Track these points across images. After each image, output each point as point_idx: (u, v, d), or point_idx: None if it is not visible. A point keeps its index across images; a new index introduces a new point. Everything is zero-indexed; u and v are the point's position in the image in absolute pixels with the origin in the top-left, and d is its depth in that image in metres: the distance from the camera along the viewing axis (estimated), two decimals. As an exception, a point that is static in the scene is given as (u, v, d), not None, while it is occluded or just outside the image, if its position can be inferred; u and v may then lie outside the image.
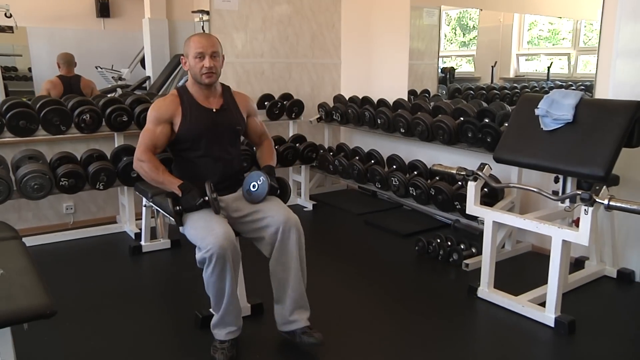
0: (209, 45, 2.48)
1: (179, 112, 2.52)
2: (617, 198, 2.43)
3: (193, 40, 2.50)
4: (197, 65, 2.47)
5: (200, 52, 2.46)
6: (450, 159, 4.16)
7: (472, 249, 3.51)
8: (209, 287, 2.32)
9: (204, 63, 2.46)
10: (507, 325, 2.74)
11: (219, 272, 2.24)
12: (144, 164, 2.48)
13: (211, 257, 2.21)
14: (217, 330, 2.39)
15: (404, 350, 2.50)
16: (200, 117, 2.53)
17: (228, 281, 2.28)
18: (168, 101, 2.54)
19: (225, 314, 2.35)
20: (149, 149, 2.50)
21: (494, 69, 4.73)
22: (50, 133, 3.66)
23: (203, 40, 2.50)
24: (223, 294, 2.30)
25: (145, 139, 2.51)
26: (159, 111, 2.53)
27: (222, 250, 2.21)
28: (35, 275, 1.87)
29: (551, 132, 2.90)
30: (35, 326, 1.84)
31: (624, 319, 2.84)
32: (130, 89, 5.09)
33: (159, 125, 2.51)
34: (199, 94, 2.56)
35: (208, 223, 2.31)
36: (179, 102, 2.53)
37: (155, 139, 2.51)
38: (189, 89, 2.58)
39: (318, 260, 2.43)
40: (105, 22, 5.17)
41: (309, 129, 5.23)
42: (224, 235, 2.24)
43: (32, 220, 4.09)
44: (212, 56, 2.47)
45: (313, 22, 5.26)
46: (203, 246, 2.24)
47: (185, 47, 2.54)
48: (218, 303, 2.34)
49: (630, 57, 3.08)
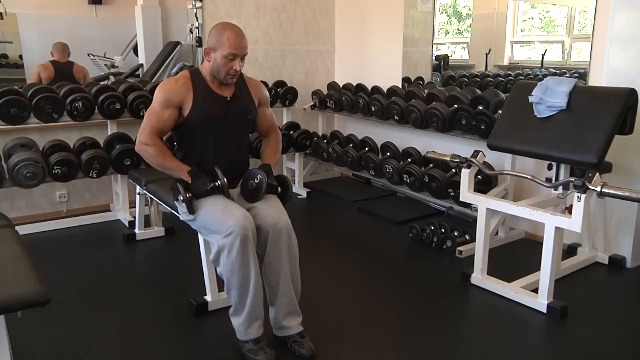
0: (243, 47, 2.34)
1: (190, 97, 2.37)
2: (609, 185, 2.45)
3: (227, 38, 2.30)
4: (225, 65, 2.32)
5: (234, 54, 2.31)
6: (444, 146, 4.16)
7: (465, 236, 3.53)
8: (232, 277, 2.18)
9: (234, 65, 2.33)
10: (500, 312, 2.76)
11: (243, 255, 2.14)
12: (150, 147, 2.36)
13: (234, 239, 2.11)
14: (246, 330, 2.25)
15: (398, 336, 2.52)
16: (212, 104, 2.40)
17: (252, 265, 2.17)
18: (180, 83, 2.38)
19: (254, 305, 2.22)
20: (155, 132, 2.37)
21: (488, 56, 4.72)
22: (42, 121, 3.63)
23: (239, 41, 2.32)
24: (248, 283, 2.18)
25: (151, 121, 2.37)
26: (170, 93, 2.36)
27: (245, 230, 2.12)
28: (28, 263, 1.87)
29: (545, 119, 2.91)
30: (29, 314, 1.84)
31: (615, 305, 2.87)
32: (123, 76, 5.05)
33: (168, 108, 2.36)
34: (213, 81, 2.42)
35: (225, 207, 2.23)
36: (191, 85, 2.39)
37: (163, 122, 2.37)
38: (202, 72, 2.43)
39: (312, 248, 2.43)
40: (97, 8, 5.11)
41: (303, 117, 5.22)
42: (244, 216, 2.17)
43: (25, 209, 4.07)
44: (242, 58, 2.36)
45: (307, 9, 5.23)
46: (223, 230, 2.15)
47: (214, 40, 2.33)
48: (243, 295, 2.20)
49: (623, 44, 3.09)
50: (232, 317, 2.30)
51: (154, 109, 2.38)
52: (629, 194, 2.39)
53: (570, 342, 2.47)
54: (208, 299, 2.69)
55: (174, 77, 2.45)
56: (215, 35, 2.34)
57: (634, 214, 3.17)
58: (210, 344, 2.43)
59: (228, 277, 2.20)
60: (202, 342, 2.44)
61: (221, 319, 2.60)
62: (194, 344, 2.42)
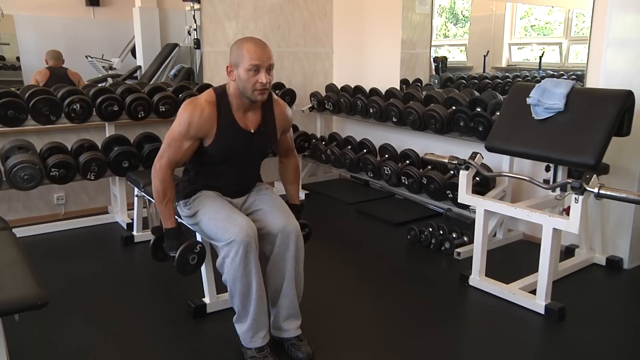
0: (266, 57, 2.16)
1: (213, 129, 2.22)
2: (607, 186, 2.45)
3: (247, 50, 2.14)
4: (250, 79, 2.15)
5: (256, 65, 2.13)
6: (442, 148, 4.17)
7: (463, 237, 3.53)
8: (234, 285, 2.17)
9: (259, 78, 2.14)
10: (498, 313, 2.76)
11: (245, 263, 2.12)
12: (158, 180, 2.26)
13: (236, 248, 2.10)
14: (251, 338, 2.24)
15: (396, 337, 2.52)
16: (234, 139, 2.27)
17: (254, 274, 2.15)
18: (205, 115, 2.20)
19: (257, 314, 2.21)
20: (171, 164, 2.25)
21: (486, 58, 4.73)
22: (39, 123, 3.62)
23: (260, 50, 2.15)
24: (250, 291, 2.17)
25: (170, 150, 2.23)
26: (194, 126, 2.19)
27: (247, 238, 2.11)
28: (26, 265, 1.86)
29: (542, 121, 2.91)
30: (26, 317, 1.84)
31: (612, 306, 2.87)
32: (121, 78, 5.04)
33: (189, 140, 2.22)
34: (239, 107, 2.26)
35: (229, 214, 2.22)
36: (216, 116, 2.22)
37: (182, 154, 2.24)
38: (229, 96, 2.25)
39: (310, 249, 2.42)
40: (95, 10, 5.10)
41: (301, 118, 5.22)
42: (247, 224, 2.15)
43: (22, 211, 4.06)
44: (268, 70, 2.17)
45: (305, 11, 5.23)
46: (225, 237, 2.13)
47: (235, 55, 2.18)
48: (246, 304, 2.20)
49: (621, 46, 3.09)
50: (236, 323, 2.29)
51: (174, 136, 2.23)
52: (626, 195, 2.40)
53: (568, 343, 2.47)
54: (206, 301, 2.68)
55: (200, 101, 2.24)
56: (235, 51, 2.19)
57: (631, 216, 3.18)
58: (209, 347, 2.43)
59: (231, 285, 2.20)
60: (200, 345, 2.44)
61: (219, 321, 2.60)
62: (192, 347, 2.42)
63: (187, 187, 2.40)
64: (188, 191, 2.39)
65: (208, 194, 2.35)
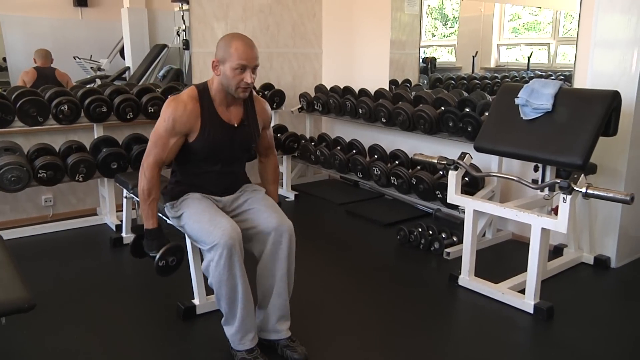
0: (254, 57, 2.20)
1: (197, 125, 2.25)
2: (594, 186, 2.47)
3: (235, 48, 2.17)
4: (235, 77, 2.19)
5: (243, 65, 2.17)
6: (432, 148, 4.19)
7: (453, 237, 3.55)
8: (220, 288, 2.17)
9: (244, 77, 2.19)
10: (487, 312, 2.77)
11: (229, 266, 2.12)
12: (145, 179, 2.26)
13: (220, 250, 2.09)
14: (240, 341, 2.24)
15: (385, 338, 2.52)
16: (218, 133, 2.29)
17: (239, 277, 2.15)
18: (189, 110, 2.23)
19: (245, 317, 2.21)
20: (158, 163, 2.26)
21: (475, 58, 4.75)
22: (26, 124, 3.59)
23: (248, 51, 2.19)
24: (236, 293, 2.17)
25: (157, 148, 2.25)
26: (178, 122, 2.22)
27: (231, 240, 2.10)
28: (13, 268, 1.85)
29: (531, 121, 2.93)
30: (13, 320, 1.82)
31: (600, 305, 2.89)
32: (110, 79, 5.01)
33: (174, 136, 2.24)
34: (222, 101, 2.30)
35: (213, 216, 2.21)
36: (199, 111, 2.25)
37: (168, 151, 2.26)
38: (211, 91, 2.29)
39: (299, 250, 2.42)
40: (82, 11, 5.07)
41: (291, 119, 5.22)
42: (231, 227, 2.14)
43: (9, 213, 4.02)
44: (254, 70, 2.22)
45: (294, 12, 5.23)
46: (209, 241, 2.13)
47: (222, 51, 2.21)
48: (232, 307, 2.19)
49: (607, 47, 3.12)
50: (225, 326, 2.29)
51: (160, 133, 2.24)
52: (613, 194, 2.42)
53: (557, 342, 2.49)
54: (196, 302, 2.67)
55: (183, 97, 2.27)
56: (222, 47, 2.22)
57: (618, 215, 3.21)
58: (198, 348, 2.42)
59: (217, 288, 2.19)
60: (189, 346, 2.43)
61: (209, 322, 2.59)
62: (181, 348, 2.41)
63: (174, 189, 2.40)
64: (175, 193, 2.39)
65: (194, 197, 2.34)
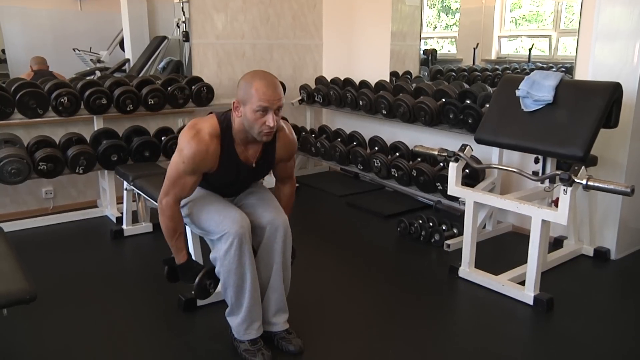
0: (276, 98, 2.04)
1: (216, 164, 2.18)
2: (595, 178, 2.47)
3: (256, 89, 2.02)
4: (257, 120, 2.05)
5: (264, 107, 2.03)
6: (432, 140, 4.18)
7: (453, 229, 3.55)
8: (228, 277, 2.16)
9: (267, 120, 2.04)
10: (487, 304, 2.78)
11: (240, 255, 2.13)
12: (167, 218, 2.21)
13: (231, 239, 2.10)
14: (245, 330, 2.24)
15: (386, 329, 2.53)
16: (233, 172, 2.25)
17: (248, 265, 2.16)
18: (211, 151, 2.13)
19: (252, 305, 2.21)
20: (177, 201, 2.20)
21: (476, 50, 4.73)
22: (26, 116, 3.58)
23: (269, 92, 2.02)
24: (244, 282, 2.17)
25: (176, 189, 2.16)
26: (198, 165, 2.13)
27: (242, 229, 2.11)
28: (14, 260, 1.85)
29: (532, 113, 2.92)
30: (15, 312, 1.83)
31: (600, 297, 2.90)
32: (110, 71, 5.00)
33: (194, 175, 2.16)
34: (242, 141, 2.19)
35: (222, 207, 2.22)
36: (219, 152, 2.16)
37: (187, 189, 2.18)
38: (233, 131, 2.16)
39: (299, 242, 2.42)
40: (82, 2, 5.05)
41: (291, 111, 5.21)
42: (241, 217, 2.16)
43: (10, 206, 4.02)
44: (277, 111, 2.07)
45: (294, 3, 5.20)
46: (219, 230, 2.13)
47: (242, 92, 2.07)
48: (240, 296, 2.20)
49: (609, 39, 3.11)
50: (229, 317, 2.29)
51: (179, 174, 2.14)
52: (613, 186, 2.42)
53: (556, 334, 2.49)
54: (197, 294, 2.68)
55: (204, 136, 2.12)
56: (243, 87, 2.07)
57: (619, 207, 3.21)
58: (199, 340, 2.43)
59: (225, 277, 2.19)
60: (190, 338, 2.43)
61: (210, 314, 2.60)
62: (182, 340, 2.42)
63: None
64: None
65: (199, 189, 2.34)
